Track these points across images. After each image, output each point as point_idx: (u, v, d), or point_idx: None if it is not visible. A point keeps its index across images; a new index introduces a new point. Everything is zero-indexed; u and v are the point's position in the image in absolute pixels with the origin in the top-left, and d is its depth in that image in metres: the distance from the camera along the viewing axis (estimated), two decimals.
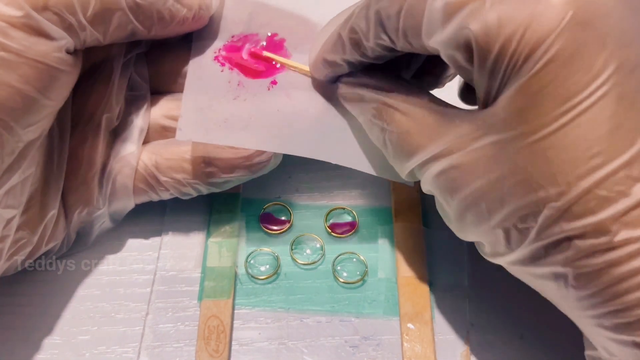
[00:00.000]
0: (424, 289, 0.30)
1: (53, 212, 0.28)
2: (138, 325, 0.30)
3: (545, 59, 0.19)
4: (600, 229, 0.19)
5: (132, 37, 0.28)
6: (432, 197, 0.26)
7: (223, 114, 0.30)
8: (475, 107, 0.23)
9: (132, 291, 0.31)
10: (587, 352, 0.24)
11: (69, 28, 0.24)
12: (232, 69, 0.31)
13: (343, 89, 0.29)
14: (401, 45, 0.24)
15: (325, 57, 0.28)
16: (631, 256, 0.19)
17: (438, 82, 0.31)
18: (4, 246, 0.26)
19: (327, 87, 0.31)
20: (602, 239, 0.19)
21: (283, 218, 0.33)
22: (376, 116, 0.26)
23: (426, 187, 0.25)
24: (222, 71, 0.31)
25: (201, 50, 0.31)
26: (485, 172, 0.22)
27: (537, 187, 0.20)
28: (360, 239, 0.33)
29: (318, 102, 0.30)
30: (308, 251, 0.32)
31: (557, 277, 0.21)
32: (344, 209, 0.33)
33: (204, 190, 0.31)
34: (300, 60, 0.31)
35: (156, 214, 0.33)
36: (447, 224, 0.26)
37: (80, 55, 0.26)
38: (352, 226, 0.33)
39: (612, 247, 0.19)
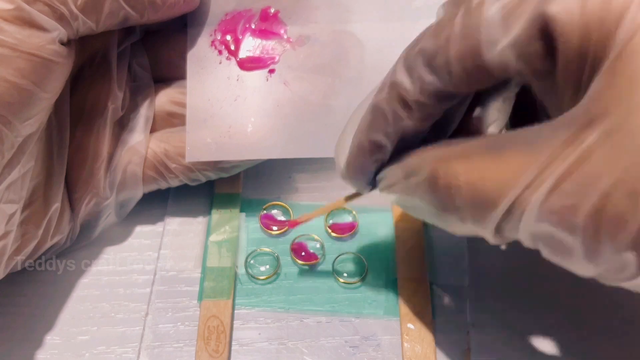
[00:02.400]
0: (424, 289, 0.30)
1: (57, 205, 0.28)
2: (138, 326, 0.30)
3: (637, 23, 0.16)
4: None
5: (125, 23, 0.28)
6: None
7: (226, 120, 0.30)
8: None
9: (132, 291, 0.31)
10: None
11: (60, 18, 0.25)
12: (229, 59, 0.31)
13: (384, 174, 0.24)
14: (455, 79, 0.20)
15: (361, 141, 0.24)
16: None
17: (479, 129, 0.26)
18: (7, 242, 0.26)
19: (328, 55, 0.31)
20: None
21: (283, 218, 0.33)
22: (433, 182, 0.21)
23: (530, 234, 0.19)
24: (220, 62, 0.31)
25: (197, 36, 0.32)
26: (608, 168, 0.17)
27: None
28: (360, 239, 0.33)
29: (316, 86, 0.31)
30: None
31: None
32: (344, 209, 0.33)
33: (213, 175, 0.31)
34: (296, 31, 0.32)
35: (156, 214, 0.33)
36: (572, 267, 0.19)
37: (74, 46, 0.26)
38: (352, 226, 0.33)
39: None
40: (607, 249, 0.18)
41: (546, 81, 0.19)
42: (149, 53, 0.32)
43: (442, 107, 0.22)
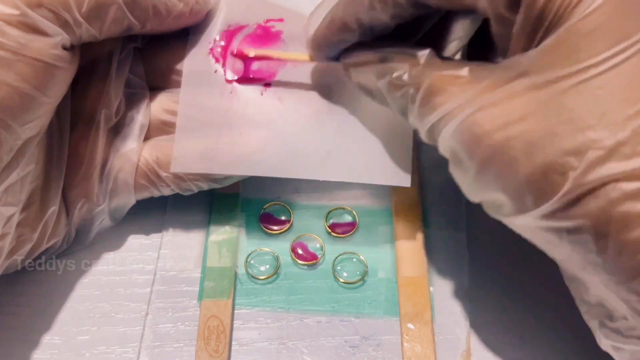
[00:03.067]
0: (424, 289, 0.30)
1: (53, 209, 0.28)
2: (138, 325, 0.30)
3: (597, 3, 0.19)
4: None
5: (128, 31, 0.28)
6: (432, 197, 0.26)
7: (215, 132, 0.30)
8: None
9: (132, 291, 0.31)
10: (601, 328, 0.23)
11: (64, 24, 0.25)
12: (225, 69, 0.31)
13: (355, 58, 0.27)
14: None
15: (333, 17, 0.26)
16: None
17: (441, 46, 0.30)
18: (4, 244, 0.26)
19: (325, 76, 0.30)
20: None
21: (283, 218, 0.33)
22: (400, 76, 0.25)
23: (445, 143, 0.23)
24: (215, 71, 0.31)
25: (196, 45, 0.31)
26: (523, 114, 0.20)
27: (584, 126, 0.19)
28: (360, 239, 0.32)
29: (310, 105, 0.30)
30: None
31: (595, 226, 0.20)
32: (344, 209, 0.33)
33: (205, 186, 0.31)
34: (297, 51, 0.31)
35: (156, 214, 0.33)
36: (461, 183, 0.24)
37: (77, 51, 0.26)
38: (352, 226, 0.33)
39: None
40: (491, 182, 0.22)
41: (504, 27, 0.22)
42: (147, 61, 0.32)
43: (414, 12, 0.24)
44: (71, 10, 0.24)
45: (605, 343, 0.24)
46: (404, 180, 0.30)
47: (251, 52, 0.31)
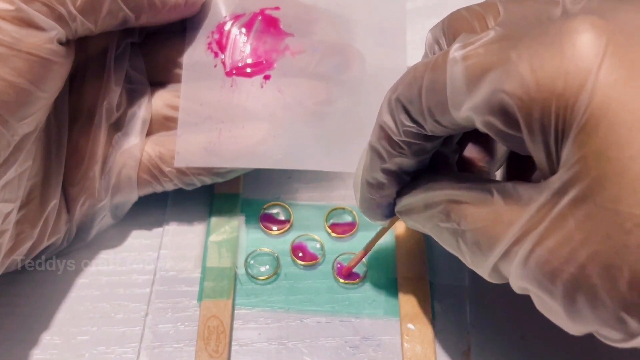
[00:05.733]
0: (424, 289, 0.30)
1: (53, 206, 0.28)
2: (138, 326, 0.30)
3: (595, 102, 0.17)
4: None
5: (124, 25, 0.28)
6: None
7: (217, 126, 0.30)
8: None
9: (132, 291, 0.31)
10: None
11: (59, 18, 0.25)
12: (224, 62, 0.31)
13: (400, 206, 0.26)
14: (430, 127, 0.22)
15: (367, 179, 0.25)
16: None
17: (493, 165, 0.27)
18: (3, 241, 0.26)
19: (325, 66, 0.30)
20: None
21: (283, 218, 0.33)
22: (444, 219, 0.23)
23: (518, 283, 0.21)
24: (215, 66, 0.31)
25: (194, 39, 0.31)
26: (582, 237, 0.18)
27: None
28: (360, 239, 0.32)
29: (310, 96, 0.30)
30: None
31: None
32: (344, 209, 0.33)
33: (208, 180, 0.31)
34: (295, 40, 0.31)
35: (156, 214, 0.33)
36: (557, 322, 0.21)
37: (72, 45, 0.26)
38: (352, 226, 0.33)
39: None
40: (587, 318, 0.19)
41: (515, 144, 0.20)
42: (147, 56, 0.32)
43: (430, 144, 0.23)
44: (65, 4, 0.24)
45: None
46: None
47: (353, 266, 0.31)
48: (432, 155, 0.24)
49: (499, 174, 0.29)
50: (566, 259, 0.18)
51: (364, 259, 0.31)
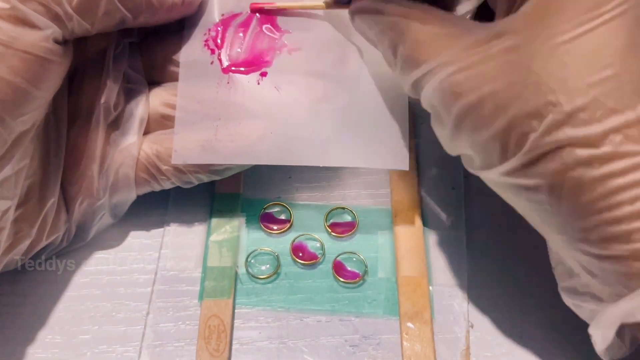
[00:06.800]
0: (424, 288, 0.30)
1: (52, 204, 0.28)
2: (139, 325, 0.30)
3: None
4: (602, 139, 0.20)
5: (121, 25, 0.28)
6: (432, 197, 0.26)
7: (214, 123, 0.30)
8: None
9: (133, 291, 0.31)
10: (561, 285, 0.24)
11: (55, 17, 0.25)
12: (221, 60, 0.31)
13: (360, 4, 0.28)
14: None
15: None
16: (629, 169, 0.20)
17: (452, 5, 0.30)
18: (1, 239, 0.26)
19: (321, 62, 0.31)
20: (603, 149, 0.20)
21: (283, 218, 0.33)
22: (391, 28, 0.25)
23: (427, 99, 0.25)
24: (211, 63, 0.31)
25: (191, 37, 0.31)
26: (495, 76, 0.22)
27: (547, 90, 0.20)
28: (360, 239, 0.33)
29: (307, 92, 0.30)
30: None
31: (551, 186, 0.21)
32: (344, 209, 0.33)
33: (205, 178, 0.31)
34: (293, 37, 0.31)
35: (157, 213, 0.33)
36: (440, 137, 0.26)
37: (70, 45, 0.26)
38: (352, 226, 0.33)
39: (611, 158, 0.20)
40: (464, 138, 0.23)
41: None
42: (145, 55, 0.32)
43: None
44: (62, 3, 0.24)
45: (568, 301, 0.25)
46: (402, 163, 0.30)
47: (265, 6, 0.31)
48: None
49: None
50: (473, 88, 0.22)
51: (365, 262, 0.31)
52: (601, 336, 0.21)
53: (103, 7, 0.26)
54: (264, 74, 0.31)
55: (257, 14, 0.32)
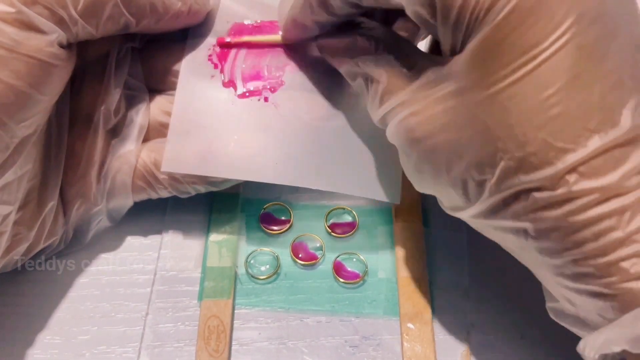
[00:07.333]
0: (424, 289, 0.30)
1: (51, 208, 0.28)
2: (138, 325, 0.30)
3: (506, 10, 0.19)
4: (557, 181, 0.20)
5: (125, 30, 0.28)
6: (432, 197, 0.26)
7: (209, 135, 0.30)
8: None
9: (132, 291, 0.31)
10: (548, 305, 0.24)
11: (60, 22, 0.24)
12: (222, 73, 0.31)
13: (325, 42, 0.29)
14: (366, 0, 0.24)
15: (295, 19, 0.28)
16: (587, 206, 0.19)
17: (412, 40, 0.30)
18: (1, 242, 0.26)
19: (323, 82, 0.31)
20: (560, 191, 0.20)
21: (283, 218, 0.33)
22: (359, 65, 0.26)
23: (390, 137, 0.25)
24: (212, 77, 0.31)
25: (195, 47, 0.31)
26: (444, 122, 0.22)
27: (494, 138, 0.20)
28: (360, 239, 0.33)
29: (307, 112, 0.30)
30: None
31: (517, 229, 0.21)
32: (344, 209, 0.33)
33: (202, 189, 0.31)
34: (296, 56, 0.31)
35: (156, 214, 0.33)
36: (408, 176, 0.26)
37: (74, 49, 0.26)
38: (352, 226, 0.33)
39: (569, 198, 0.19)
40: (426, 182, 0.24)
41: (430, 30, 0.23)
42: (146, 63, 0.31)
43: (361, 10, 0.26)
44: (67, 7, 0.24)
45: (555, 319, 0.25)
46: (394, 196, 0.30)
47: (227, 39, 0.31)
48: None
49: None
50: (426, 135, 0.22)
51: (365, 262, 0.31)
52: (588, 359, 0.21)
53: (108, 11, 0.26)
54: (265, 100, 0.31)
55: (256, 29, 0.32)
